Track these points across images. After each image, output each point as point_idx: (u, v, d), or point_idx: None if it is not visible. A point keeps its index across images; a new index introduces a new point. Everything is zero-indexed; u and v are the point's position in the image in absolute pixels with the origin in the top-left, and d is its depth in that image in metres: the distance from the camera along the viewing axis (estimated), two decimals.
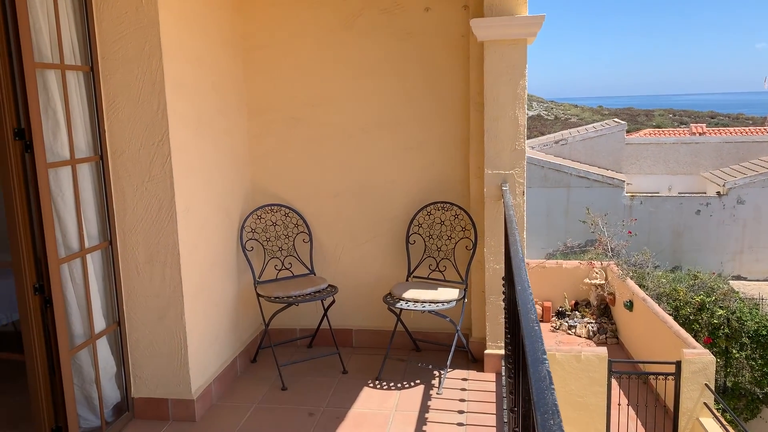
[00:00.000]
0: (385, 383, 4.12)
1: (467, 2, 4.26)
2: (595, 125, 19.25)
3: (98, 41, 3.34)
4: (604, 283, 9.88)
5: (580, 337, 9.40)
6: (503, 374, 3.93)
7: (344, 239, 4.68)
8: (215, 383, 3.91)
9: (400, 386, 4.08)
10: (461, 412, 3.73)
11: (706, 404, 6.67)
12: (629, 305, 8.84)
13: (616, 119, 20.80)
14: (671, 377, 6.74)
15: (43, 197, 2.98)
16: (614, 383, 6.85)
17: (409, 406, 3.82)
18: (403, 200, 4.57)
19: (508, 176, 4.04)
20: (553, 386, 1.35)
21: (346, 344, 4.72)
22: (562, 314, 9.96)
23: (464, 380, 4.14)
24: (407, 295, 4.14)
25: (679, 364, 6.68)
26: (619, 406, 6.62)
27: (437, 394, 3.96)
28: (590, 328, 9.41)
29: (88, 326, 3.34)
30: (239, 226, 4.43)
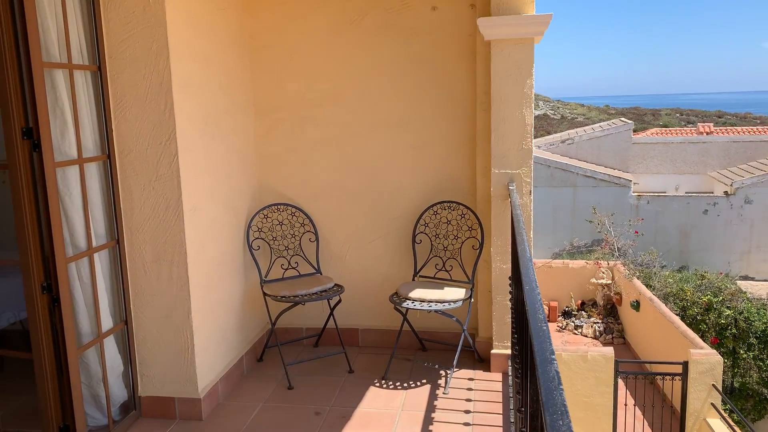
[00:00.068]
0: (391, 383, 4.12)
1: (474, 1, 4.25)
2: (601, 124, 19.18)
3: (106, 41, 3.35)
4: (610, 282, 9.85)
5: (586, 337, 9.37)
6: (510, 374, 3.92)
7: (351, 238, 4.68)
8: (222, 382, 3.92)
9: (406, 386, 4.08)
10: (468, 411, 3.72)
11: (713, 405, 6.63)
12: (636, 305, 8.80)
13: (622, 118, 20.73)
14: (678, 377, 6.71)
15: (51, 196, 2.99)
16: (621, 383, 6.82)
17: (415, 405, 3.82)
18: (409, 199, 4.56)
19: (515, 175, 4.02)
20: (561, 386, 1.35)
21: (352, 343, 4.72)
22: (568, 314, 9.93)
23: (470, 380, 4.14)
24: (414, 294, 4.14)
25: (686, 364, 6.64)
26: (625, 406, 6.59)
27: (444, 393, 3.96)
28: (597, 328, 9.38)
29: (95, 325, 3.36)
30: (246, 225, 4.43)
